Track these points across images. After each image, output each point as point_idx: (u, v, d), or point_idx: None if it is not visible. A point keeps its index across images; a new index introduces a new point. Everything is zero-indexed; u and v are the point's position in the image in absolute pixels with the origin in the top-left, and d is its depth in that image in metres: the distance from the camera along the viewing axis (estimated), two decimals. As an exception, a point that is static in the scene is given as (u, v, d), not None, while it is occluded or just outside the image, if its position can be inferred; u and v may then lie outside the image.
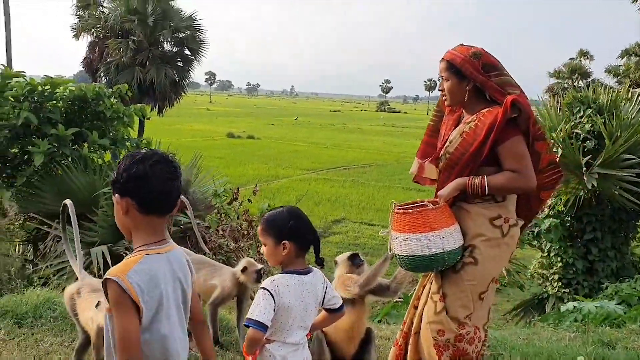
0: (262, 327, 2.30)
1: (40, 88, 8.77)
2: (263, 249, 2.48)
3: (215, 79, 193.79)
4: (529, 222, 3.32)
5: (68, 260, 7.58)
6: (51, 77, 9.07)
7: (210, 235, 7.40)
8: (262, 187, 25.47)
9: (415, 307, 3.27)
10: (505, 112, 2.89)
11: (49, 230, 8.18)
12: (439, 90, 3.17)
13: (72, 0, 28.06)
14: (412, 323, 3.23)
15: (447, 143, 3.16)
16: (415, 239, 2.89)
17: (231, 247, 7.46)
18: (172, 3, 27.01)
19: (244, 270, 3.89)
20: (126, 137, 9.55)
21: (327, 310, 2.59)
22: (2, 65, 9.25)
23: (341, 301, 2.61)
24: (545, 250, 9.62)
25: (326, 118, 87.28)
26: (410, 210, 2.98)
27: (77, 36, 26.81)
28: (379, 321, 5.98)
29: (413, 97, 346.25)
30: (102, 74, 25.65)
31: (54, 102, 8.89)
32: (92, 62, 26.66)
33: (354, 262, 3.54)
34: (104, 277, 1.89)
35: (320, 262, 2.49)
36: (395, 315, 6.14)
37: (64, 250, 7.73)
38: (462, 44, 3.11)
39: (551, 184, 3.17)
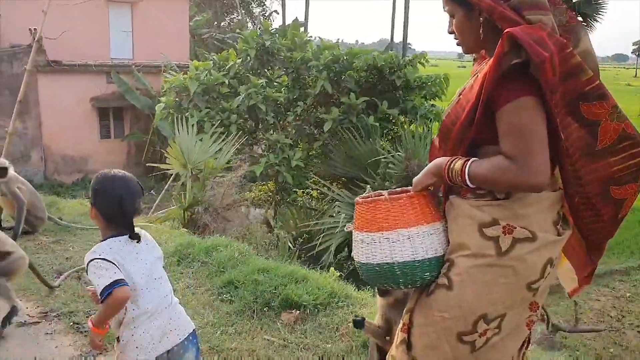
0: (121, 283, 1.99)
1: (342, 59, 9.36)
2: None
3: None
4: (604, 237, 1.92)
5: (337, 221, 8.12)
6: (351, 48, 9.59)
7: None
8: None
9: None
10: (499, 56, 1.68)
11: (328, 192, 8.81)
12: (449, 33, 2.04)
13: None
14: None
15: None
16: (360, 239, 2.04)
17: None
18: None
19: None
20: (417, 107, 9.33)
21: None
22: (319, 37, 10.25)
23: None
24: None
25: None
26: (361, 201, 2.06)
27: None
28: None
29: None
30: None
31: (351, 71, 9.34)
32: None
33: None
34: None
35: (135, 237, 2.10)
36: None
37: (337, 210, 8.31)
38: None
39: (629, 173, 1.77)
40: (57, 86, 15.68)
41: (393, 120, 9.42)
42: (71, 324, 3.62)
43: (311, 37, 10.92)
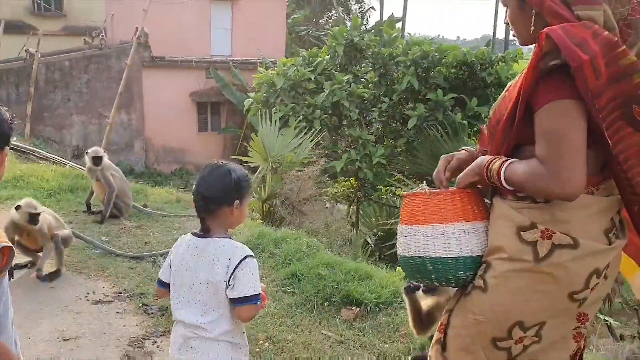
0: (158, 282, 2.16)
1: (431, 55, 9.12)
2: None
3: None
4: None
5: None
6: (440, 44, 9.31)
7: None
8: None
9: None
10: (536, 57, 1.61)
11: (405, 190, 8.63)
12: (505, 23, 1.99)
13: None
14: None
15: None
16: (400, 232, 2.04)
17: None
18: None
19: (17, 208, 3.92)
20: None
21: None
22: (408, 33, 10.06)
23: (248, 293, 1.93)
24: None
25: None
26: (405, 195, 2.05)
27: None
28: None
29: None
30: None
31: (440, 67, 9.09)
32: None
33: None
34: None
35: (204, 229, 2.03)
36: None
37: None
38: None
39: None
40: (159, 81, 16.60)
41: (484, 118, 9.06)
42: (140, 305, 3.80)
43: (401, 33, 10.70)
